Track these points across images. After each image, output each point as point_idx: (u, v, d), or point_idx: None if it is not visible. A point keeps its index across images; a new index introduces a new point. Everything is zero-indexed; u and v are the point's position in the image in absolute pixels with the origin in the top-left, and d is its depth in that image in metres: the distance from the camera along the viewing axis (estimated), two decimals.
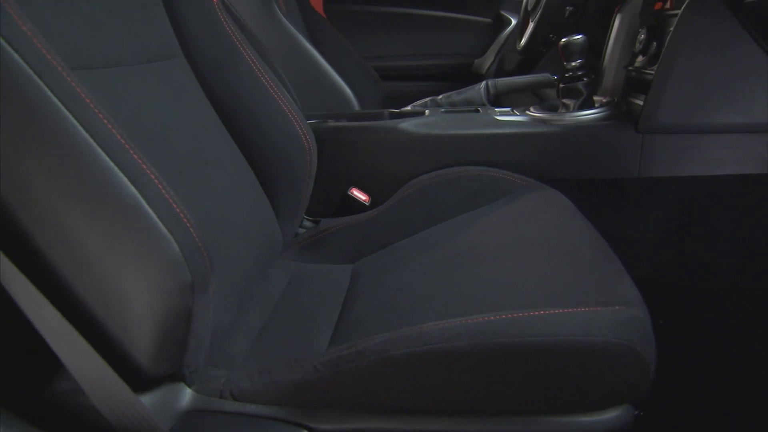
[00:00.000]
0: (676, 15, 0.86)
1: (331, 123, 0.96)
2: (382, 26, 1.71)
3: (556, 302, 0.51)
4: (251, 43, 0.79)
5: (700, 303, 0.95)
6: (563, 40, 0.91)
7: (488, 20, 1.68)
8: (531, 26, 1.17)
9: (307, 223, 0.95)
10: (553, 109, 0.97)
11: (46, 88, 0.40)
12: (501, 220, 0.76)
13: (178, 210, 0.43)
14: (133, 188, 0.41)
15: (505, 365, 0.46)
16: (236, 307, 0.66)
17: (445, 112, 1.02)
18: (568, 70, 0.93)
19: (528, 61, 1.44)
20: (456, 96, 1.05)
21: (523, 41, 1.19)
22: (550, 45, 1.26)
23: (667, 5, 0.89)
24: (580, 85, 0.92)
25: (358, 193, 0.94)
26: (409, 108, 1.07)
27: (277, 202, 0.80)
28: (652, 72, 0.88)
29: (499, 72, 1.67)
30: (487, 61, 1.67)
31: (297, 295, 0.75)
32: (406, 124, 0.93)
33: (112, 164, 0.41)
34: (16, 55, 0.39)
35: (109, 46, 0.58)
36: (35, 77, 0.39)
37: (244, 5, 1.06)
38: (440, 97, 1.06)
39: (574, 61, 0.91)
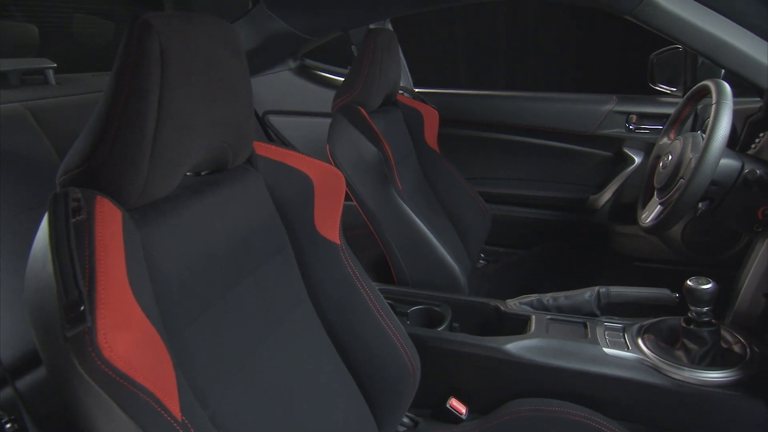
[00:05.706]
0: None
1: (434, 333, 1.00)
2: (496, 151, 1.71)
3: None
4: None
5: None
6: (689, 283, 0.86)
7: (609, 154, 1.60)
8: (657, 207, 1.11)
9: (405, 420, 1.00)
10: (671, 341, 0.92)
11: None
12: None
13: None
14: None
15: None
16: None
17: (551, 319, 1.01)
18: (692, 311, 0.88)
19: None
20: (564, 300, 1.03)
21: (646, 220, 1.13)
22: None
23: None
24: (705, 332, 0.86)
25: (456, 405, 0.97)
26: (515, 304, 1.07)
27: (379, 414, 0.85)
28: None
29: (615, 208, 1.58)
30: (603, 198, 1.59)
31: None
32: (511, 347, 0.94)
33: None
34: None
35: (251, 338, 0.66)
36: None
37: (367, 188, 1.14)
38: (548, 297, 1.05)
39: (701, 308, 0.86)
